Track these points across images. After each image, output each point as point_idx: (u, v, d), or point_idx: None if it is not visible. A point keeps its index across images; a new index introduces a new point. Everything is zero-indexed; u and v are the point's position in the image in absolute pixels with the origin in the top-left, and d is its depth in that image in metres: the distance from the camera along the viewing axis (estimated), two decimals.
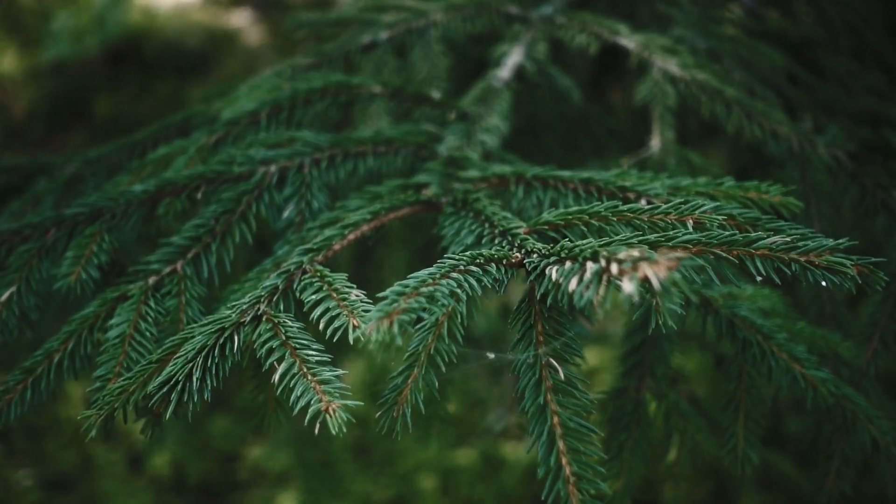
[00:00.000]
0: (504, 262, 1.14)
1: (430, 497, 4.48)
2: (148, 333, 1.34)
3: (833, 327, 1.75)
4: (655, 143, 1.88)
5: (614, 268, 0.97)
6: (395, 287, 1.04)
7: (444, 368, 1.22)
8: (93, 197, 1.53)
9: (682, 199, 1.33)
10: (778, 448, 3.57)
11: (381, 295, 1.04)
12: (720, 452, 1.51)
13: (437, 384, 1.23)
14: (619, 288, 0.96)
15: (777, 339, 1.44)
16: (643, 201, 1.35)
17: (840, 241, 1.26)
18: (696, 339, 2.17)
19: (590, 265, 1.01)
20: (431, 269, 1.07)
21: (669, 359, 1.71)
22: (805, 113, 2.31)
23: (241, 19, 7.29)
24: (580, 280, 1.01)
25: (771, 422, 1.54)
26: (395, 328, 0.98)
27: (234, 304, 1.30)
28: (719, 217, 1.20)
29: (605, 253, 1.00)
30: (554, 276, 1.06)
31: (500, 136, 1.78)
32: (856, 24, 2.75)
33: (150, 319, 1.35)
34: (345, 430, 1.10)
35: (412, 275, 1.07)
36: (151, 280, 1.41)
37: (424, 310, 1.02)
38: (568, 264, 1.05)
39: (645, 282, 0.94)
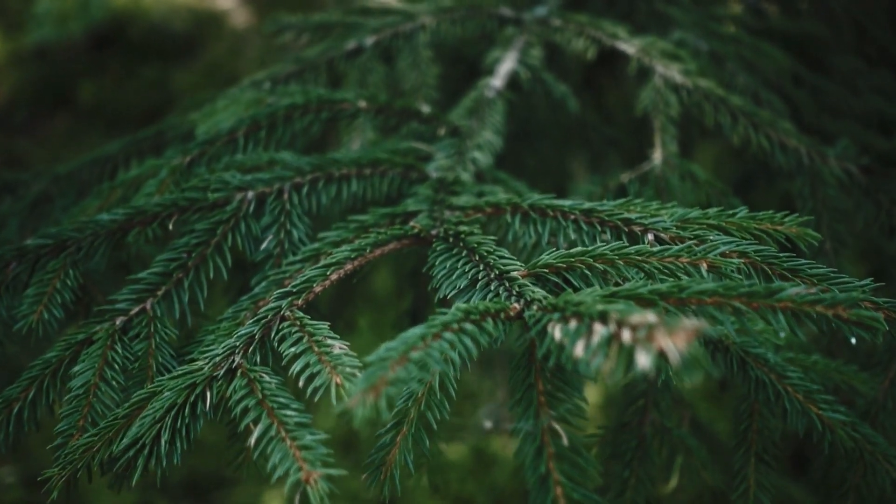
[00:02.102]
0: (502, 314, 1.04)
1: (420, 494, 4.39)
2: (115, 382, 1.24)
3: (847, 354, 1.66)
4: (657, 156, 1.77)
5: (626, 335, 0.87)
6: (382, 351, 0.94)
7: (435, 426, 1.12)
8: (57, 227, 1.42)
9: (694, 236, 1.23)
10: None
11: (367, 360, 0.93)
12: (732, 496, 1.42)
13: (427, 443, 1.13)
14: (631, 357, 0.87)
15: (792, 378, 1.34)
16: (650, 236, 1.25)
17: (865, 282, 1.17)
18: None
19: (598, 328, 0.91)
20: (422, 329, 0.97)
21: (673, 388, 1.62)
22: (811, 117, 2.21)
23: (227, 1, 7.14)
24: (587, 345, 0.91)
25: None
26: (382, 402, 0.88)
27: (207, 352, 1.20)
28: (735, 261, 1.10)
29: (615, 315, 0.90)
30: (557, 336, 0.96)
31: (494, 153, 1.68)
32: (860, 18, 2.65)
33: (116, 367, 1.25)
34: (328, 502, 1.00)
35: (402, 335, 0.97)
36: (119, 321, 1.30)
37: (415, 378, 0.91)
38: (573, 323, 0.94)
39: (661, 353, 0.84)
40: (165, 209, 1.40)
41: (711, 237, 1.23)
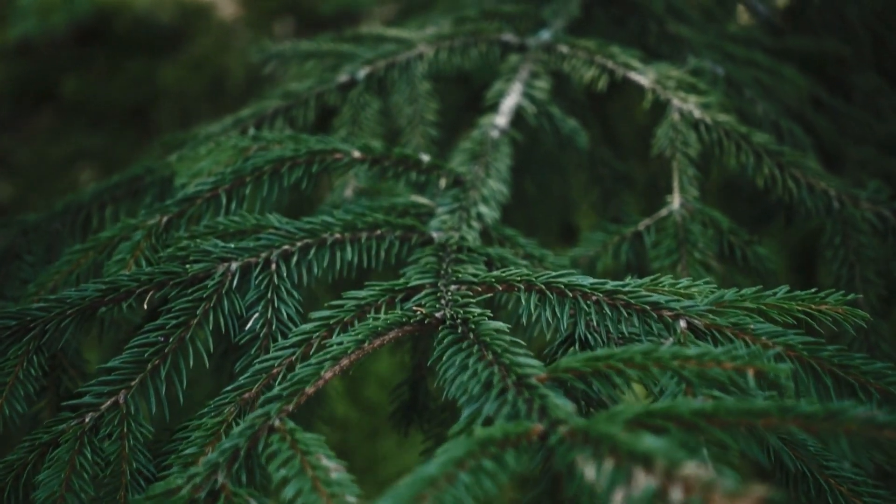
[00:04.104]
0: (523, 440, 0.91)
1: None
2: (83, 494, 1.10)
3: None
4: (676, 201, 1.64)
5: (676, 494, 0.74)
6: (387, 499, 0.80)
7: None
8: (20, 305, 1.28)
9: (731, 324, 1.10)
10: None
11: None
12: None
13: None
14: None
15: (834, 468, 1.21)
16: (682, 323, 1.11)
17: None
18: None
19: (640, 476, 0.78)
20: (432, 469, 0.83)
21: None
22: (833, 145, 2.09)
23: None
24: (627, 496, 0.77)
25: None
26: None
27: (185, 459, 1.07)
28: (785, 367, 0.96)
29: (662, 463, 0.77)
30: (590, 476, 0.82)
31: (500, 204, 1.54)
32: (879, 31, 2.52)
33: (86, 475, 1.11)
34: None
35: (409, 476, 0.83)
36: (88, 418, 1.17)
37: None
38: (609, 464, 0.81)
39: None
40: (141, 285, 1.26)
41: (752, 325, 1.10)
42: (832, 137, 2.08)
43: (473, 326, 1.11)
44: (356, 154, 1.48)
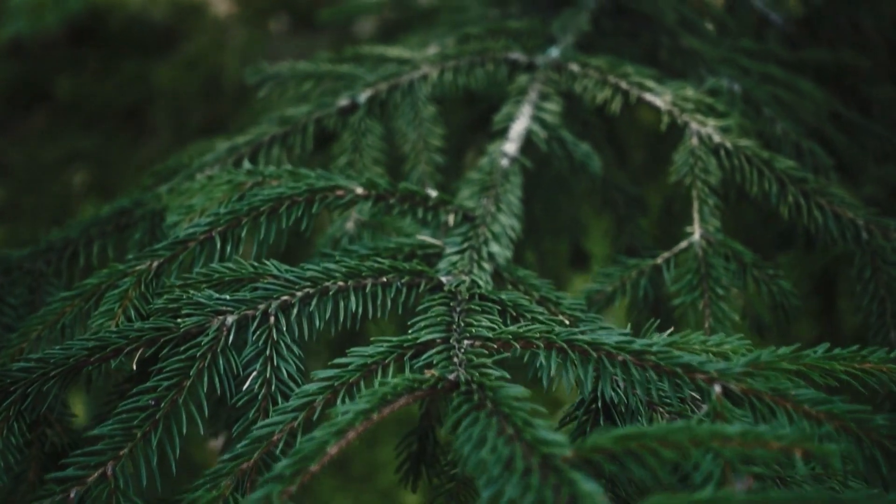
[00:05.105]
0: None
1: None
2: None
3: None
4: (696, 233, 1.55)
5: None
6: None
7: None
8: (0, 363, 1.19)
9: (770, 389, 1.02)
10: None
11: None
12: None
13: None
14: None
15: None
16: (717, 388, 1.03)
17: None
18: None
19: None
20: None
21: None
22: (854, 164, 2.00)
23: None
24: None
25: None
26: None
27: None
28: (834, 447, 0.88)
29: None
30: None
31: (512, 241, 1.45)
32: (895, 38, 2.43)
33: None
34: None
35: None
36: (73, 494, 1.08)
37: None
38: None
39: None
40: (130, 342, 1.17)
41: (793, 391, 1.02)
42: (852, 154, 1.99)
43: (491, 393, 1.03)
44: (359, 191, 1.39)
